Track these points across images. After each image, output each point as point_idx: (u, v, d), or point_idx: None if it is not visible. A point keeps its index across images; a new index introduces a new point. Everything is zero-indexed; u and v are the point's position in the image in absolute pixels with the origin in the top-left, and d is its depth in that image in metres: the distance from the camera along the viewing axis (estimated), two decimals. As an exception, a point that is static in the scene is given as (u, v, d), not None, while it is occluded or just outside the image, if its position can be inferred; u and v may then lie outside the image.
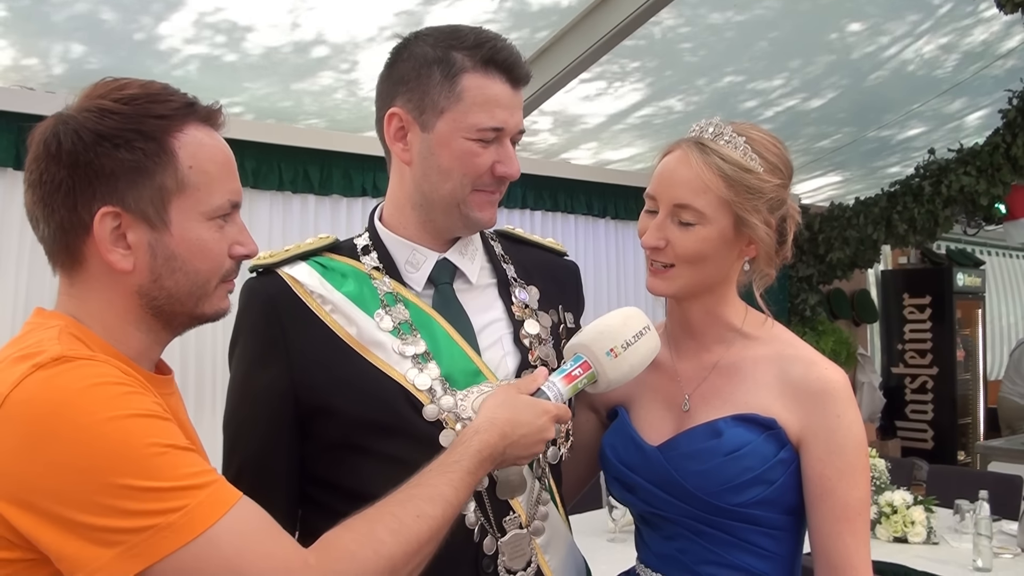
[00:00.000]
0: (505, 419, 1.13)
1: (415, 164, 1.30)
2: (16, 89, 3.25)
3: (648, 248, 1.33)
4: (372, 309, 1.28)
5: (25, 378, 0.89)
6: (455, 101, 1.25)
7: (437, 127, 1.26)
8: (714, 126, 1.32)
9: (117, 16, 3.03)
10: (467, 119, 1.25)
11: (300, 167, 4.03)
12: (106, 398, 0.90)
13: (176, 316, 1.08)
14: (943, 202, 5.40)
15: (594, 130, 4.72)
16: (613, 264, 5.36)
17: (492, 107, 1.26)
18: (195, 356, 3.71)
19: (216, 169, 1.06)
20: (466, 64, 1.25)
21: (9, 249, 3.30)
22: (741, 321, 1.37)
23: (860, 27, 4.22)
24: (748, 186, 1.29)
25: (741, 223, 1.30)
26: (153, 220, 1.02)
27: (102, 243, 1.01)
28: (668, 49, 4.02)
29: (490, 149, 1.27)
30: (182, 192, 1.03)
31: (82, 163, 0.99)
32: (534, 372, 1.24)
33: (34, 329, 1.01)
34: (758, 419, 1.28)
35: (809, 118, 5.07)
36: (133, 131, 1.00)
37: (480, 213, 1.30)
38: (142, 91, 1.03)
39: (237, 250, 1.10)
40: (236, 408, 1.30)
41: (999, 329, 8.31)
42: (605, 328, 1.25)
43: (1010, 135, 5.09)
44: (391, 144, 1.31)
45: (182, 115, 1.04)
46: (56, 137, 1.00)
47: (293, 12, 3.20)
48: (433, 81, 1.26)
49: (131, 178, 1.01)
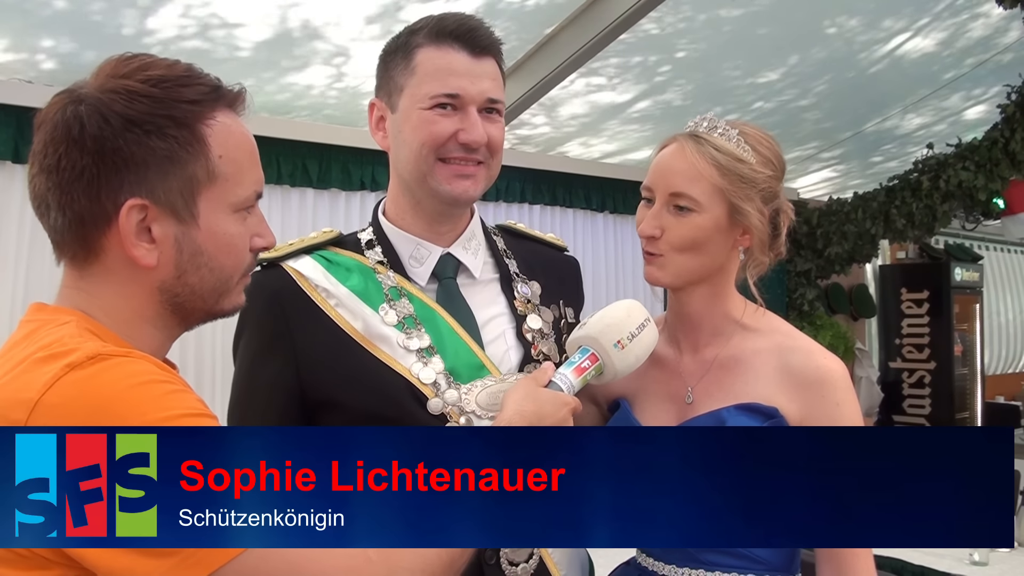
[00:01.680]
0: (532, 411, 1.13)
1: (391, 148, 1.32)
2: (14, 82, 3.23)
3: (644, 236, 1.35)
4: (376, 303, 1.29)
5: (59, 379, 0.84)
6: (410, 76, 1.28)
7: (400, 105, 1.29)
8: (708, 121, 1.36)
9: (104, 11, 3.02)
10: (420, 90, 1.27)
11: (298, 161, 4.02)
12: (153, 397, 0.86)
13: (195, 312, 1.04)
14: (941, 197, 5.40)
15: (592, 124, 4.71)
16: (611, 258, 5.35)
17: (444, 75, 1.26)
18: (194, 352, 3.71)
19: (244, 158, 1.02)
20: (420, 41, 1.28)
21: (8, 242, 3.29)
22: (740, 313, 1.39)
23: (858, 22, 4.21)
24: (741, 175, 1.32)
25: (735, 211, 1.33)
26: (181, 213, 0.97)
27: (126, 237, 0.95)
28: (665, 43, 4.01)
29: (452, 118, 1.27)
30: (212, 183, 0.98)
31: (109, 150, 0.92)
32: (542, 366, 1.24)
33: (43, 326, 0.94)
34: (760, 408, 1.30)
35: (807, 113, 5.07)
36: (165, 117, 0.94)
37: (448, 186, 1.29)
38: (169, 72, 0.97)
39: (257, 242, 1.06)
40: (240, 401, 1.31)
41: (997, 324, 8.31)
42: (612, 321, 1.26)
43: (1008, 130, 5.08)
44: (374, 135, 1.34)
45: (211, 100, 0.99)
46: (78, 119, 0.93)
47: (280, 7, 3.19)
48: (395, 64, 1.30)
49: (162, 168, 0.94)
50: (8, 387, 0.87)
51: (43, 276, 3.25)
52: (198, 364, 3.73)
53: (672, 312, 1.45)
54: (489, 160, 1.32)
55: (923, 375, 6.90)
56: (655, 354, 1.36)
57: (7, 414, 0.84)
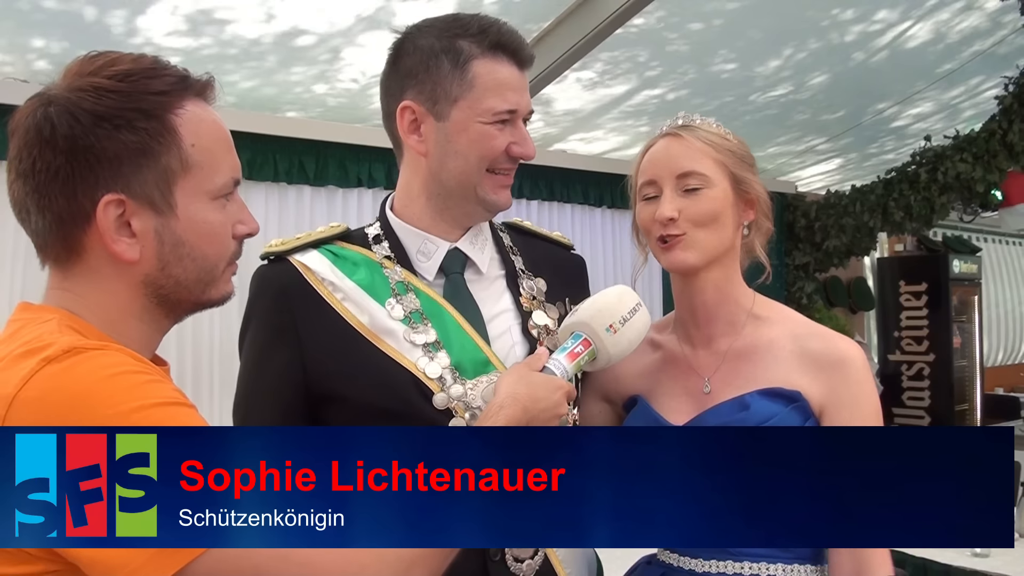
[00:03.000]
0: (525, 394, 1.14)
1: (432, 154, 1.32)
2: (9, 81, 3.22)
3: (665, 219, 1.35)
4: (383, 298, 1.30)
5: (35, 374, 0.84)
6: (468, 88, 1.28)
7: (452, 115, 1.29)
8: (683, 118, 1.41)
9: (95, 10, 3.01)
10: (482, 104, 1.28)
11: (295, 158, 4.01)
12: (128, 387, 0.86)
13: (181, 304, 1.04)
14: (939, 189, 5.39)
15: (587, 119, 4.71)
16: (610, 253, 5.35)
17: (504, 90, 1.29)
18: (192, 348, 3.71)
19: (217, 146, 1.02)
20: (474, 51, 1.28)
21: (4, 241, 3.28)
22: (750, 304, 1.41)
23: (853, 13, 4.21)
24: (733, 151, 1.37)
25: (739, 182, 1.37)
26: (159, 204, 0.97)
27: (106, 233, 0.95)
28: (659, 37, 4.01)
29: (505, 131, 1.30)
30: (187, 173, 0.98)
31: (81, 147, 0.93)
32: (536, 352, 1.25)
33: (26, 325, 0.95)
34: (783, 392, 1.31)
35: (803, 106, 5.07)
36: (134, 110, 0.94)
37: (496, 195, 1.33)
38: (135, 66, 0.97)
39: (240, 229, 1.06)
40: (246, 394, 1.32)
41: (996, 315, 8.32)
42: (603, 305, 1.27)
43: (1006, 121, 5.08)
44: (405, 137, 1.33)
45: (179, 90, 0.99)
46: (48, 120, 0.93)
47: (267, 3, 3.18)
48: (443, 71, 1.28)
49: (135, 161, 0.95)
50: None
51: (40, 275, 3.21)
52: (195, 364, 3.73)
53: (683, 307, 1.44)
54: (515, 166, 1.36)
55: (922, 367, 6.91)
56: (667, 352, 1.36)
57: None
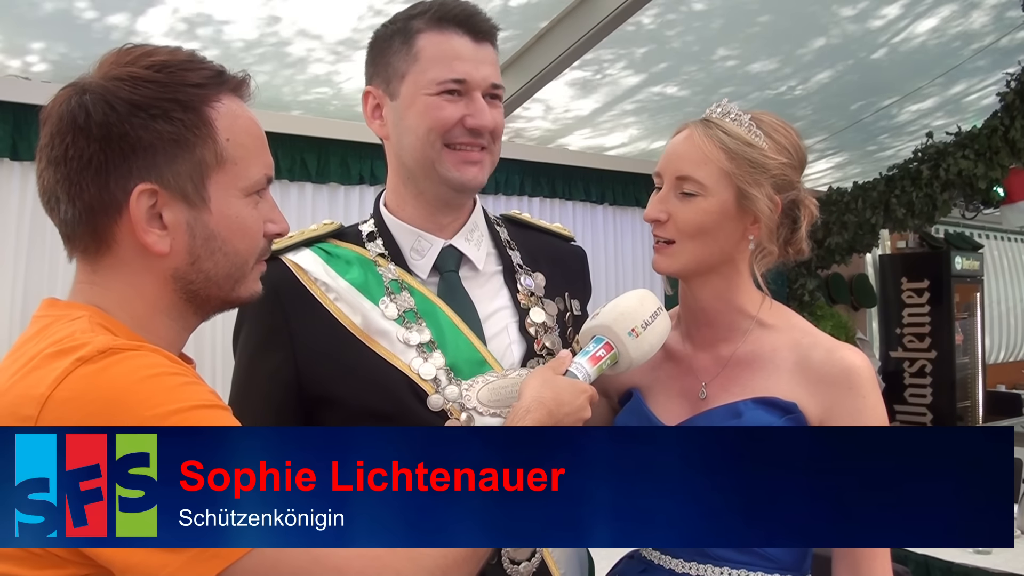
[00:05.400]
0: (551, 398, 1.13)
1: (392, 136, 1.31)
2: (11, 78, 3.22)
3: (650, 220, 1.34)
4: (377, 297, 1.28)
5: (69, 374, 0.83)
6: (413, 62, 1.26)
7: (401, 92, 1.28)
8: (722, 107, 1.35)
9: (94, 12, 2.99)
10: (426, 76, 1.26)
11: (297, 155, 4.01)
12: (166, 389, 0.86)
13: (210, 301, 1.02)
14: (941, 186, 5.38)
15: (589, 116, 4.70)
16: (611, 250, 5.34)
17: (450, 60, 1.26)
18: (192, 348, 3.69)
19: (252, 142, 1.01)
20: (420, 26, 1.27)
21: (7, 239, 3.28)
22: (756, 309, 1.37)
23: (854, 10, 4.20)
24: (750, 159, 1.30)
25: (743, 197, 1.30)
26: (192, 197, 0.96)
27: (138, 223, 0.94)
28: (660, 34, 4.00)
29: (458, 104, 1.26)
30: (221, 166, 0.97)
31: (116, 136, 0.92)
32: (559, 355, 1.23)
33: (55, 321, 0.93)
34: (778, 403, 1.28)
35: (805, 103, 5.05)
36: (171, 100, 0.94)
37: (458, 172, 1.28)
38: (172, 58, 0.97)
39: (271, 228, 1.05)
40: (239, 395, 1.31)
41: (998, 313, 8.31)
42: (625, 309, 1.25)
43: (1008, 118, 5.07)
44: (370, 124, 1.33)
45: (216, 84, 0.98)
46: (83, 108, 0.92)
47: (269, 4, 3.17)
48: (393, 50, 1.28)
49: (170, 152, 0.94)
50: (20, 383, 0.87)
51: (42, 273, 3.24)
52: (198, 360, 3.72)
53: (685, 307, 1.43)
54: (491, 146, 1.32)
55: (924, 364, 6.91)
56: (668, 348, 1.34)
57: (18, 411, 0.84)
